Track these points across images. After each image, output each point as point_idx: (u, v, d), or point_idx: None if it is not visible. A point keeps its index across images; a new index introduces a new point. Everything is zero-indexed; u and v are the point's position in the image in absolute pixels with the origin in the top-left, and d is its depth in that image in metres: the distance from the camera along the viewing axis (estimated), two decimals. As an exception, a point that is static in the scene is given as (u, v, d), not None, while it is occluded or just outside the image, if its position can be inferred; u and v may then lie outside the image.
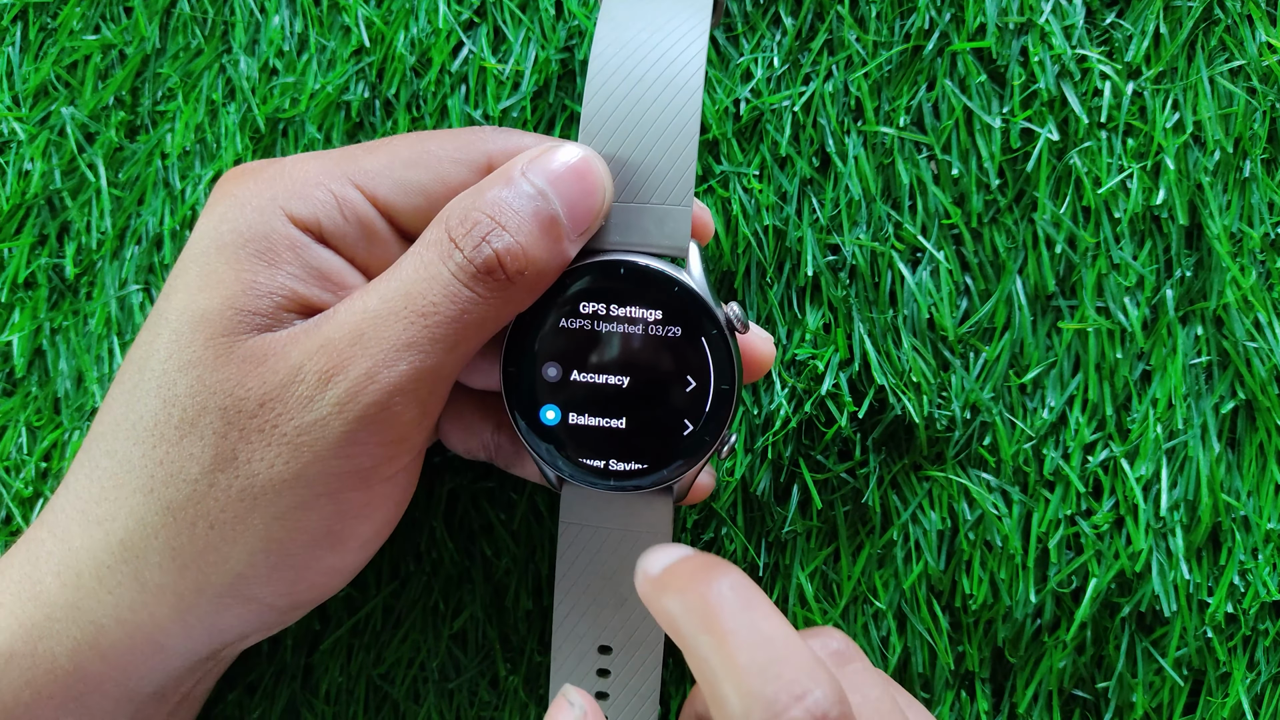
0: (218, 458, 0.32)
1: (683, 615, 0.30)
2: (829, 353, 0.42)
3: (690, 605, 0.29)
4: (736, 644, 0.28)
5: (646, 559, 0.32)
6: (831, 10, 0.43)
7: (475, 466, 0.44)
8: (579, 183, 0.33)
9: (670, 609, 0.30)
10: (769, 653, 0.28)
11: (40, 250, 0.47)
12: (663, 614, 0.31)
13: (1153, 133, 0.42)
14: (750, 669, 0.28)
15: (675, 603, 0.30)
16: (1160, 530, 0.41)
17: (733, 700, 0.28)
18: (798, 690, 0.27)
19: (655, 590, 0.31)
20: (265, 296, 0.33)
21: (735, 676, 0.28)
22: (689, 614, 0.29)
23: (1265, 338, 0.41)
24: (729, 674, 0.28)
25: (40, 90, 0.48)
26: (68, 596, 0.34)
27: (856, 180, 0.43)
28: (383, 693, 0.44)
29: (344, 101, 0.45)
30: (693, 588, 0.30)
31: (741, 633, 0.28)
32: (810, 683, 0.27)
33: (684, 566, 0.31)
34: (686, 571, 0.31)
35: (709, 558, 0.31)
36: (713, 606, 0.29)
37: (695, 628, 0.29)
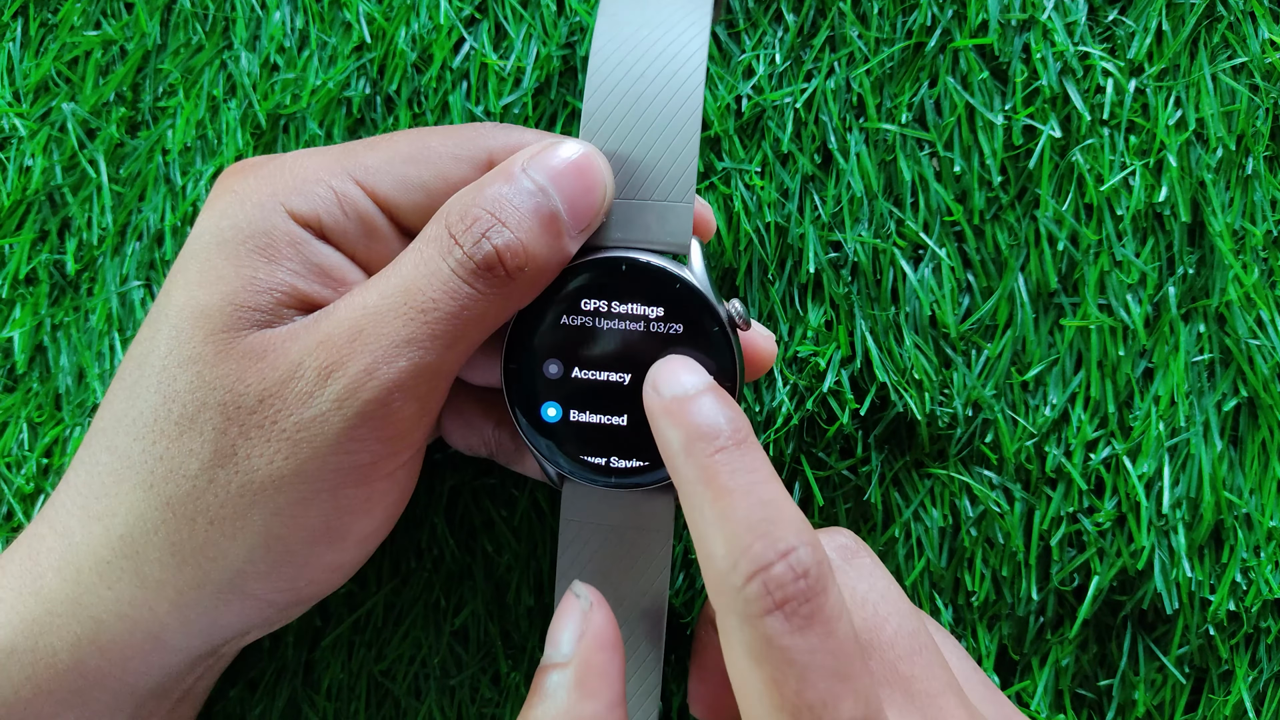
0: (217, 453, 0.32)
1: (681, 458, 0.30)
2: (831, 350, 0.42)
3: (693, 451, 0.30)
4: (732, 502, 0.29)
5: (662, 373, 0.32)
6: (833, 7, 0.43)
7: (476, 463, 0.44)
8: (580, 179, 0.33)
9: (671, 441, 0.31)
10: (761, 513, 0.29)
11: (41, 246, 0.47)
12: (662, 437, 0.31)
13: (1155, 130, 0.42)
14: (741, 525, 0.29)
15: (677, 437, 0.31)
16: (1162, 528, 0.41)
17: (720, 553, 0.29)
18: (782, 546, 0.28)
19: (662, 412, 0.31)
20: (265, 293, 0.33)
21: (726, 531, 0.29)
22: (689, 461, 0.30)
23: (1267, 335, 0.41)
24: (720, 528, 0.29)
25: (41, 86, 0.48)
26: (68, 592, 0.34)
27: (858, 177, 0.42)
28: (384, 689, 0.44)
29: (345, 98, 0.45)
30: (699, 434, 0.30)
31: (738, 492, 0.29)
32: (795, 540, 0.28)
33: (698, 404, 0.31)
34: (698, 411, 0.31)
35: (720, 400, 0.31)
36: (715, 463, 0.30)
37: (693, 478, 0.30)
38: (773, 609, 0.28)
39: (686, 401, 0.31)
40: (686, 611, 0.43)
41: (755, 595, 0.28)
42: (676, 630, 0.43)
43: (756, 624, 0.28)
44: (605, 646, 0.33)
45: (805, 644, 0.28)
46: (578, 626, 0.33)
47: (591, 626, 0.33)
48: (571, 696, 0.32)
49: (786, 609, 0.28)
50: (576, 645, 0.33)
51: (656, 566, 0.36)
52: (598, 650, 0.33)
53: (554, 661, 0.33)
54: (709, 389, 0.32)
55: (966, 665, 0.36)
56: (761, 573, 0.28)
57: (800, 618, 0.28)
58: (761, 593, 0.28)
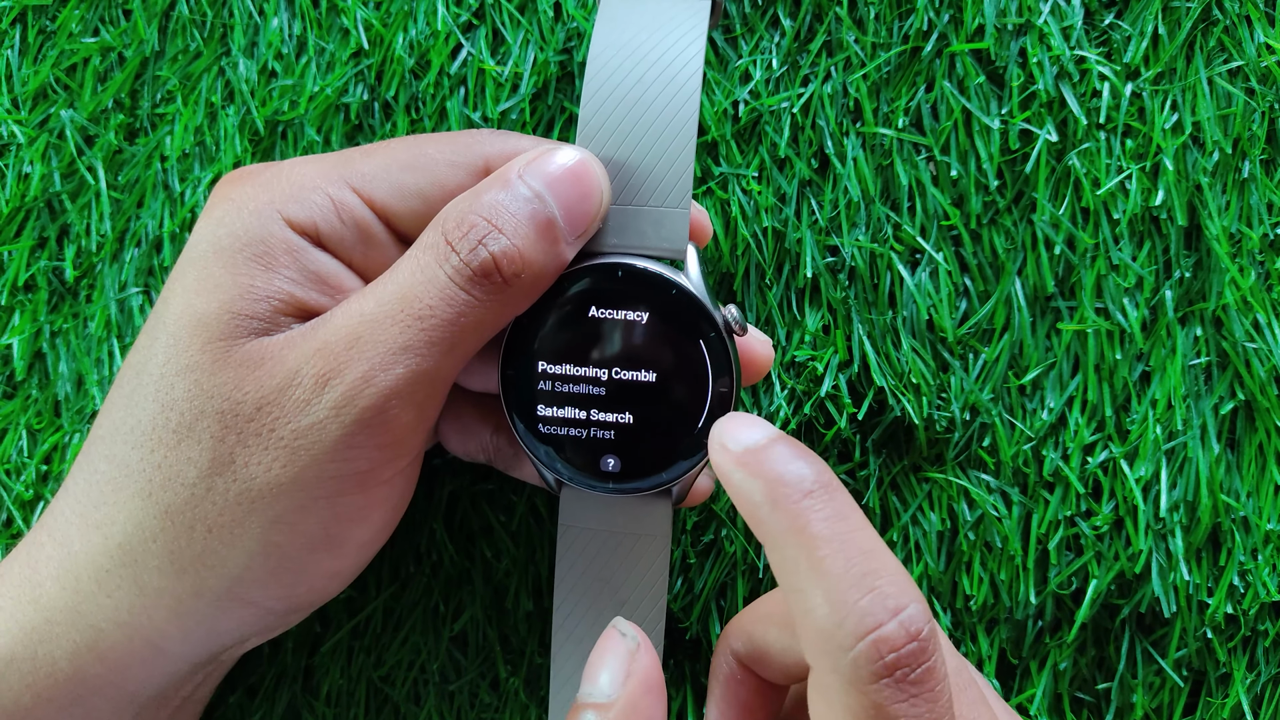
0: (215, 461, 0.32)
1: (767, 509, 0.28)
2: (828, 354, 0.42)
3: (779, 501, 0.28)
4: (830, 552, 0.27)
5: (729, 428, 0.30)
6: (830, 11, 0.43)
7: (474, 468, 0.44)
8: (576, 185, 0.33)
9: (751, 495, 0.29)
10: (865, 565, 0.27)
11: (40, 253, 0.47)
12: (740, 494, 0.29)
13: (1151, 133, 0.42)
14: (845, 579, 0.27)
15: (757, 490, 0.29)
16: (1160, 531, 0.41)
17: (822, 609, 0.27)
18: (893, 604, 0.26)
19: (736, 465, 0.29)
20: (262, 300, 0.33)
21: (827, 585, 0.27)
22: (775, 512, 0.28)
23: (1264, 338, 0.41)
24: (819, 582, 0.27)
25: (39, 93, 0.48)
26: (67, 600, 0.34)
27: (855, 182, 0.43)
28: (383, 695, 0.44)
29: (343, 104, 0.45)
30: (783, 482, 0.28)
31: (835, 541, 0.27)
32: (906, 597, 0.27)
33: (772, 453, 0.29)
34: (775, 459, 0.29)
35: (796, 448, 0.29)
36: (804, 510, 0.28)
37: (782, 528, 0.28)
38: (884, 674, 0.26)
39: (761, 452, 0.29)
40: (685, 616, 0.43)
41: (866, 659, 0.26)
42: (675, 635, 0.43)
43: (866, 690, 0.26)
44: (652, 690, 0.31)
45: (915, 712, 0.26)
46: (623, 666, 0.31)
47: (639, 668, 0.31)
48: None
49: (898, 674, 0.26)
50: (622, 686, 0.31)
51: (655, 572, 0.36)
52: (644, 694, 0.31)
53: (594, 701, 0.31)
54: (781, 438, 0.30)
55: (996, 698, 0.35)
56: (873, 633, 0.26)
57: (912, 684, 0.26)
58: (873, 656, 0.26)
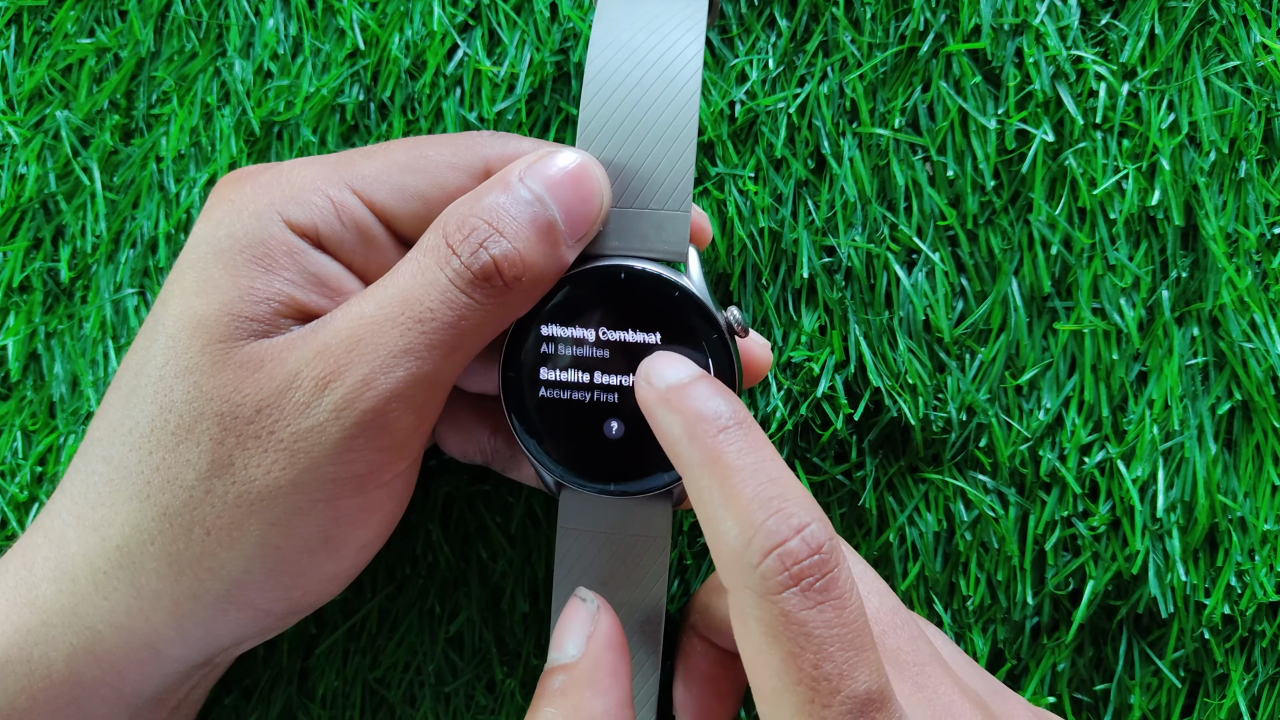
0: (214, 464, 0.32)
1: (685, 443, 0.31)
2: (825, 355, 0.42)
3: (695, 437, 0.30)
4: (741, 480, 0.29)
5: (654, 366, 0.32)
6: (826, 12, 0.43)
7: (471, 470, 0.44)
8: (576, 188, 0.33)
9: (671, 430, 0.31)
10: (771, 489, 0.29)
11: (35, 254, 0.47)
12: (661, 428, 0.32)
13: (1148, 133, 0.42)
14: (753, 503, 0.29)
15: (676, 425, 0.31)
16: (1157, 532, 0.41)
17: (733, 532, 0.29)
18: (796, 522, 0.28)
19: (658, 403, 0.32)
20: (262, 302, 0.33)
21: (737, 509, 0.29)
22: (693, 446, 0.30)
23: (1261, 338, 0.41)
24: (730, 507, 0.29)
25: (35, 94, 0.47)
26: (64, 602, 0.33)
27: (852, 182, 0.43)
28: (379, 696, 0.44)
29: (339, 104, 0.45)
30: (700, 420, 0.30)
31: (745, 471, 0.29)
32: (808, 516, 0.29)
33: (692, 391, 0.31)
34: (694, 396, 0.31)
35: (715, 386, 0.32)
36: (719, 444, 0.30)
37: (698, 461, 0.30)
38: (790, 584, 0.28)
39: (682, 389, 0.31)
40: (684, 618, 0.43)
41: (772, 571, 0.28)
42: (674, 637, 0.43)
43: (774, 600, 0.28)
44: (613, 646, 0.33)
45: (822, 618, 0.28)
46: (585, 628, 0.34)
47: (600, 627, 0.33)
48: (583, 694, 0.32)
49: (803, 584, 0.28)
50: (586, 645, 0.33)
51: (654, 574, 0.36)
52: (606, 649, 0.33)
53: (560, 663, 0.33)
54: (702, 377, 0.32)
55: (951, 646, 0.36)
56: (777, 549, 0.28)
57: (817, 592, 0.28)
58: (778, 568, 0.28)
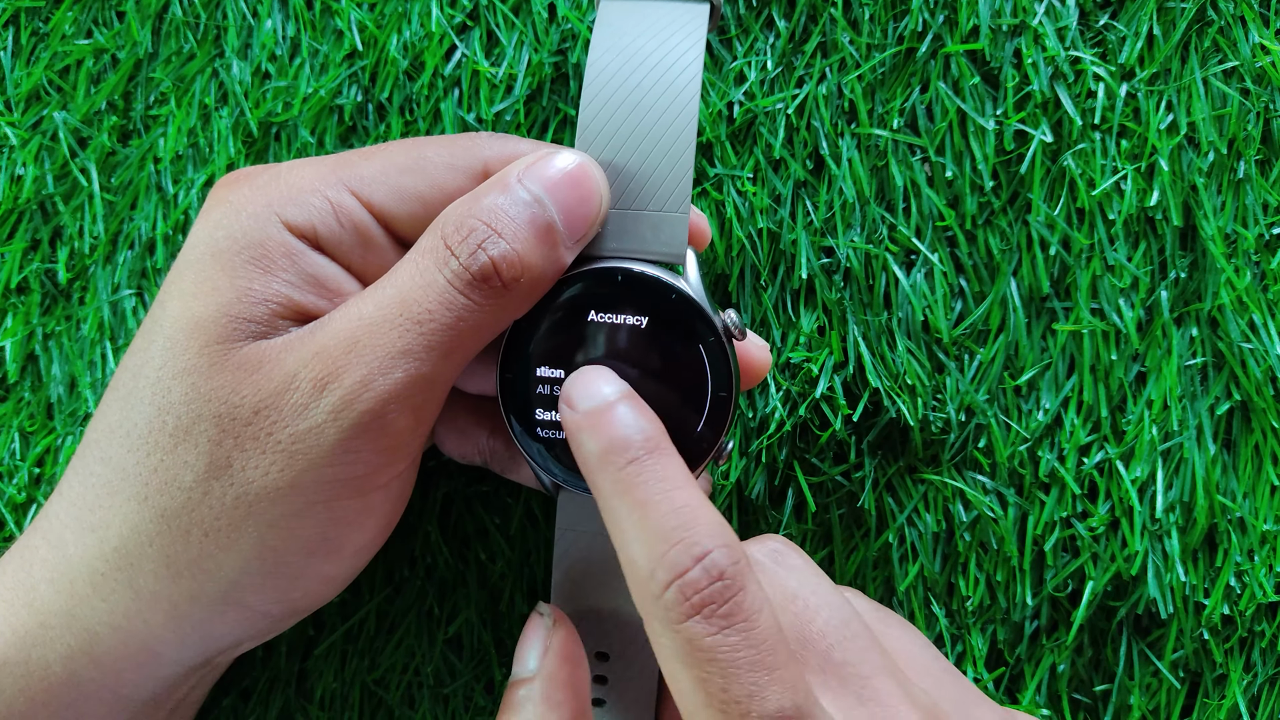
0: (212, 465, 0.32)
1: (597, 472, 0.31)
2: (823, 355, 0.42)
3: (606, 464, 0.31)
4: (646, 512, 0.30)
5: (576, 385, 0.33)
6: (825, 13, 0.43)
7: (470, 471, 0.44)
8: (575, 189, 0.33)
9: (589, 454, 0.31)
10: (675, 519, 0.30)
11: (33, 255, 0.47)
12: (579, 450, 0.32)
13: (1146, 134, 0.42)
14: (656, 533, 0.29)
15: (594, 451, 0.31)
16: (1156, 532, 0.41)
17: (639, 562, 0.30)
18: (697, 551, 0.29)
19: (577, 427, 0.32)
20: (260, 304, 0.32)
21: (643, 540, 0.30)
22: (604, 475, 0.31)
23: (1260, 339, 0.41)
24: (639, 538, 0.30)
25: (32, 95, 0.47)
26: (62, 604, 0.33)
27: (850, 183, 0.42)
28: (377, 698, 0.43)
29: (337, 105, 0.45)
30: (611, 447, 0.31)
31: (650, 502, 0.30)
32: (710, 543, 0.29)
33: (611, 415, 0.32)
34: (610, 422, 0.31)
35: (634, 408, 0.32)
36: (631, 475, 0.31)
37: (609, 491, 0.31)
38: (692, 613, 0.29)
39: (599, 414, 0.32)
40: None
41: (674, 601, 0.29)
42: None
43: (679, 628, 0.29)
44: (568, 660, 0.34)
45: (726, 642, 0.28)
46: (542, 643, 0.34)
47: (555, 642, 0.34)
48: (540, 708, 0.33)
49: (705, 611, 0.29)
50: (541, 660, 0.34)
51: None
52: (561, 664, 0.34)
53: (520, 677, 0.34)
54: (622, 398, 0.32)
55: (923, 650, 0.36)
56: (678, 579, 0.29)
57: (719, 618, 0.29)
58: (679, 599, 0.29)
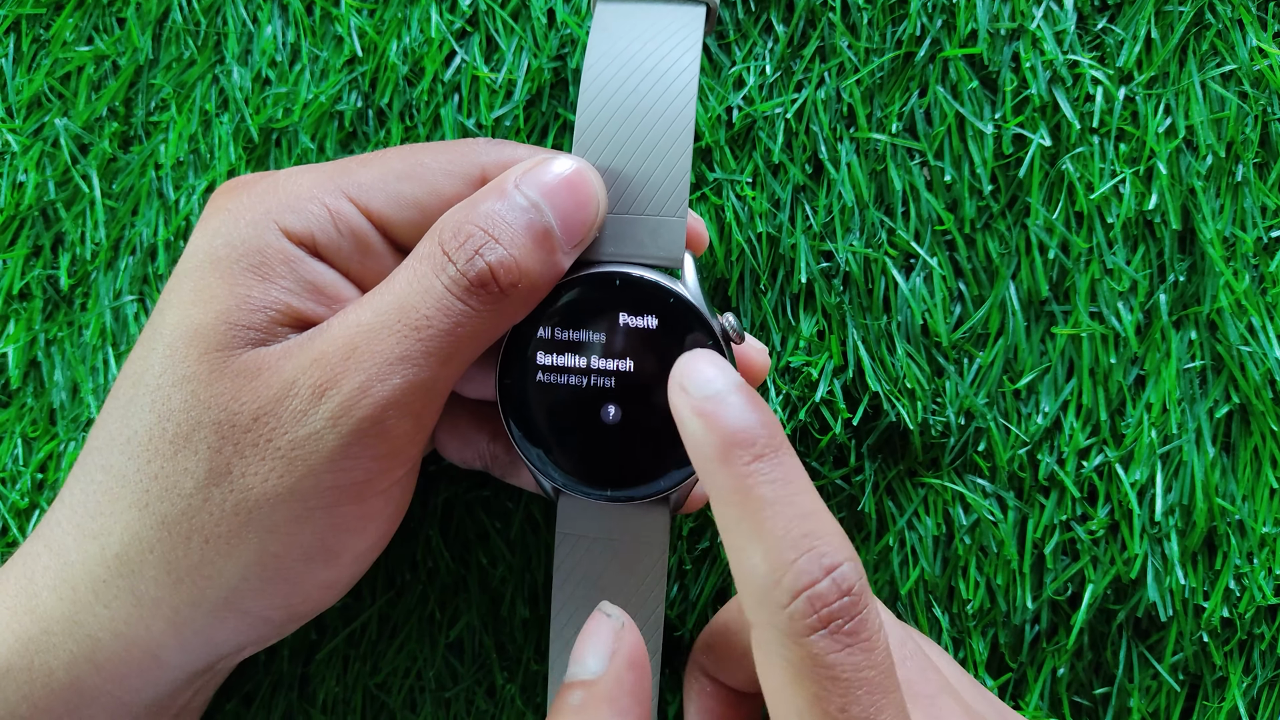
0: (212, 472, 0.32)
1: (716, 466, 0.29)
2: (823, 360, 0.42)
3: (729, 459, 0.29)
4: (772, 514, 0.28)
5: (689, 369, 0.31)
6: (823, 17, 0.43)
7: (471, 475, 0.44)
8: (572, 195, 0.33)
9: (702, 448, 0.30)
10: (803, 526, 0.28)
11: (34, 261, 0.47)
12: (693, 440, 0.30)
13: (1145, 137, 0.42)
14: (784, 540, 0.28)
15: (709, 444, 0.29)
16: (1155, 535, 0.41)
17: (761, 568, 0.28)
18: (827, 562, 0.28)
19: (693, 414, 0.30)
20: (259, 311, 0.33)
21: (766, 544, 0.28)
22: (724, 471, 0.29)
23: (1259, 342, 0.41)
24: (759, 541, 0.28)
25: (34, 101, 0.48)
26: (64, 610, 0.34)
27: (849, 187, 0.43)
28: (379, 702, 0.44)
29: (337, 111, 0.45)
30: (734, 440, 0.29)
31: (777, 504, 0.29)
32: (840, 556, 0.28)
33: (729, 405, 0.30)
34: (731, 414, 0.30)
35: (752, 401, 0.30)
36: (751, 473, 0.29)
37: (729, 488, 0.29)
38: (819, 626, 0.27)
39: (718, 402, 0.30)
40: (681, 624, 0.43)
41: (801, 613, 0.28)
42: (671, 643, 0.43)
43: (802, 642, 0.28)
44: (637, 665, 0.32)
45: (850, 661, 0.27)
46: (608, 644, 0.32)
47: (624, 644, 0.32)
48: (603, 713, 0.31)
49: (832, 625, 0.27)
50: (609, 662, 0.32)
51: (652, 579, 0.36)
52: (629, 668, 0.32)
53: (580, 679, 0.32)
54: (739, 388, 0.30)
55: (956, 669, 0.36)
56: (807, 590, 0.28)
57: (846, 634, 0.28)
58: (807, 610, 0.27)
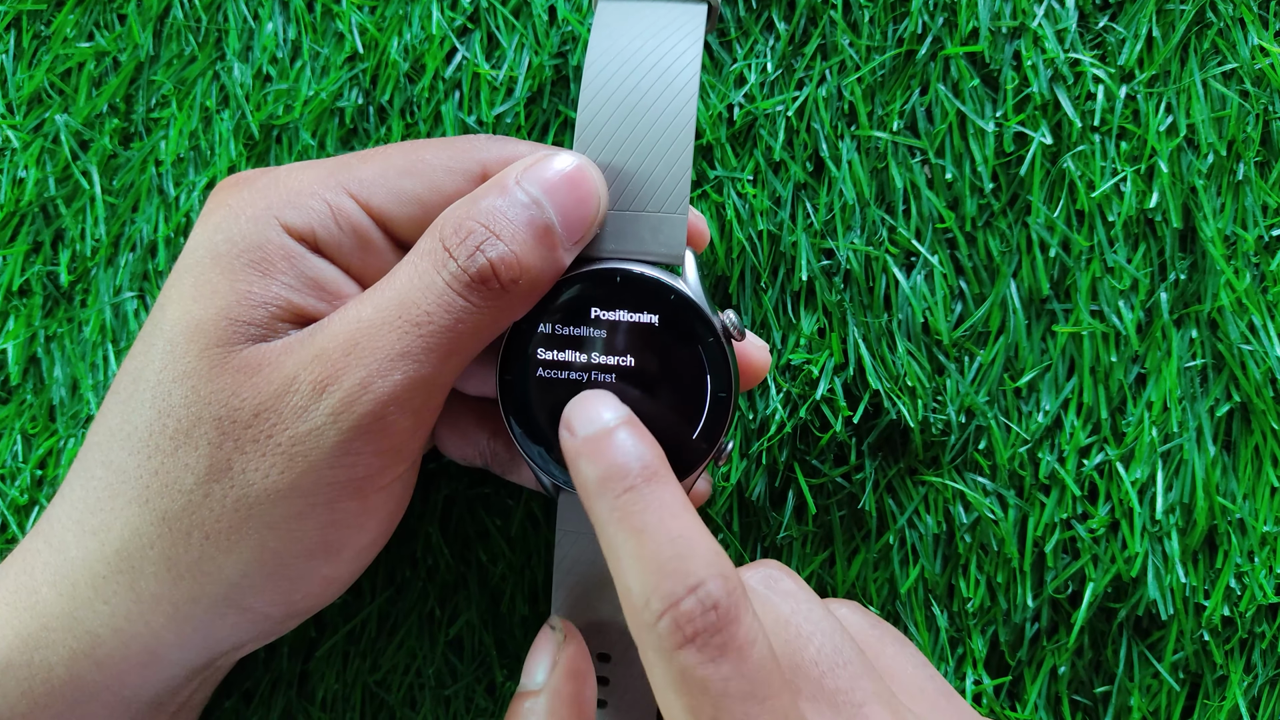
0: (212, 468, 0.32)
1: (595, 499, 0.31)
2: (824, 357, 0.42)
3: (604, 492, 0.31)
4: (642, 540, 0.30)
5: (576, 411, 0.32)
6: (824, 15, 0.43)
7: (471, 473, 0.44)
8: (573, 191, 0.33)
9: (585, 482, 0.31)
10: (671, 549, 0.29)
11: (35, 258, 0.47)
12: (577, 476, 0.32)
13: (1146, 136, 0.42)
14: (653, 563, 0.29)
15: (592, 476, 0.31)
16: (1156, 534, 0.41)
17: (635, 590, 0.30)
18: (692, 581, 0.29)
19: (575, 453, 0.32)
20: (260, 307, 0.33)
21: (640, 569, 0.30)
22: (601, 502, 0.31)
23: (1260, 340, 0.41)
24: (634, 567, 0.30)
25: (34, 97, 0.47)
26: (64, 607, 0.34)
27: (850, 185, 0.43)
28: (379, 700, 0.44)
29: (338, 108, 0.45)
30: (609, 475, 0.31)
31: (648, 530, 0.30)
32: (704, 573, 0.29)
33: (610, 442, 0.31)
34: (609, 449, 0.31)
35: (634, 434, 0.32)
36: (627, 503, 0.30)
37: (606, 518, 0.31)
38: (685, 642, 0.29)
39: (598, 440, 0.31)
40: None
41: (667, 630, 0.29)
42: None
43: (672, 657, 0.29)
44: (575, 676, 0.34)
45: (719, 672, 0.28)
46: (549, 657, 0.34)
47: (564, 657, 0.34)
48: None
49: (698, 641, 0.29)
50: (549, 674, 0.34)
51: None
52: (569, 679, 0.34)
53: (527, 689, 0.34)
54: (623, 424, 0.32)
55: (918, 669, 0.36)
56: (672, 609, 0.29)
57: (712, 648, 0.29)
58: (673, 628, 0.29)
